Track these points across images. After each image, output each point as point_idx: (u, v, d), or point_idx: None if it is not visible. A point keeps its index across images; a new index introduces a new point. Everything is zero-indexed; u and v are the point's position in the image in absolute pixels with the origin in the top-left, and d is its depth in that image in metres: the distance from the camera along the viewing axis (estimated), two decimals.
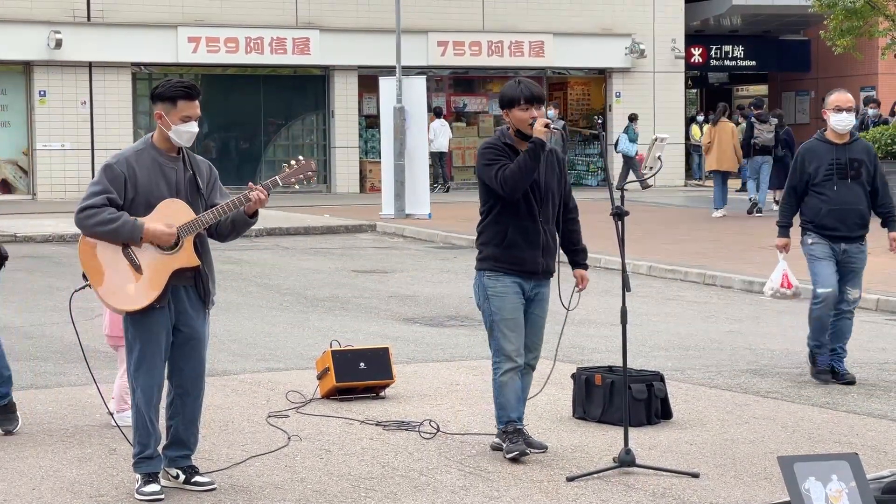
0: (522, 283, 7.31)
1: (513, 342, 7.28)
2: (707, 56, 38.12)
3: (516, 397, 7.33)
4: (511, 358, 7.29)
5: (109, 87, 29.17)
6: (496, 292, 7.30)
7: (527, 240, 7.26)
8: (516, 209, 7.24)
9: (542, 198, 7.28)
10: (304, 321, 12.70)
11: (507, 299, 7.28)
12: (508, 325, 7.28)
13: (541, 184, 7.25)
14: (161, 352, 6.49)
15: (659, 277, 16.33)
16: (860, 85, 36.32)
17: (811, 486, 5.27)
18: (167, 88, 6.50)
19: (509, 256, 7.28)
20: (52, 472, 6.97)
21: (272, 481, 6.80)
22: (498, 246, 7.30)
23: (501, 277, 7.29)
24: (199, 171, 6.61)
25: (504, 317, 7.28)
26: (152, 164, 6.47)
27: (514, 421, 7.30)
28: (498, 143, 7.32)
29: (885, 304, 13.53)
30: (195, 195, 6.53)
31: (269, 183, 6.65)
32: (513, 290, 7.28)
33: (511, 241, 7.27)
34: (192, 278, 6.53)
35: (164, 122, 6.47)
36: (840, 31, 26.34)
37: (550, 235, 7.36)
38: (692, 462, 7.23)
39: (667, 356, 10.77)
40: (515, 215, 7.26)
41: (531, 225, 7.27)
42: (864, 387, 9.49)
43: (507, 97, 7.29)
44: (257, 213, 6.61)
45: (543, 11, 32.89)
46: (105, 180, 6.40)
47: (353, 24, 31.04)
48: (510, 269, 7.28)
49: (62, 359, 10.42)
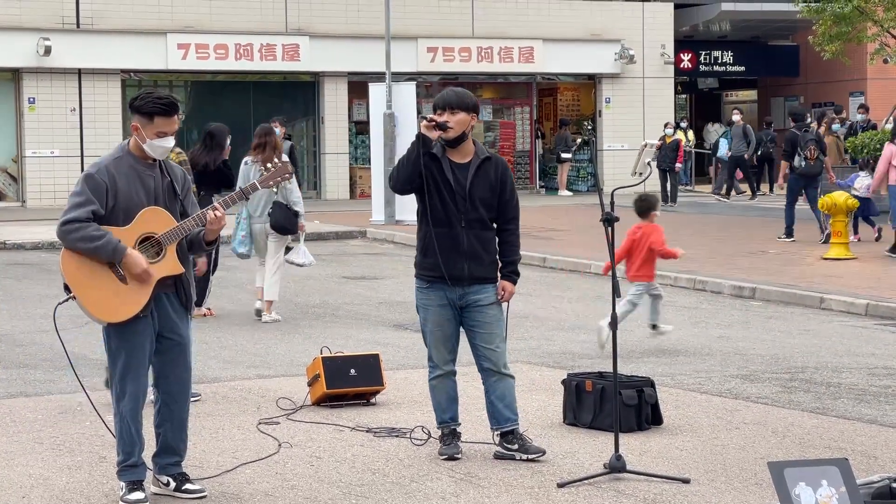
0: (447, 292, 7.29)
1: (438, 351, 7.38)
2: (696, 61, 38.18)
3: (447, 398, 7.42)
4: (438, 366, 7.40)
5: (99, 93, 29.13)
6: (422, 303, 7.39)
7: (443, 246, 7.25)
8: (433, 216, 7.25)
9: (466, 202, 7.26)
10: (294, 328, 12.69)
11: (430, 311, 7.34)
12: (433, 335, 7.37)
13: (465, 188, 7.26)
14: (146, 359, 6.49)
15: None
16: (849, 90, 36.41)
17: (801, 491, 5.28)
18: (145, 103, 6.48)
19: (427, 263, 7.33)
20: (41, 481, 6.96)
21: (263, 488, 6.80)
22: (420, 252, 7.40)
23: (426, 289, 7.35)
24: (175, 177, 6.62)
25: (429, 328, 7.38)
26: (130, 171, 6.46)
27: (446, 422, 7.42)
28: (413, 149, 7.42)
29: (874, 310, 13.56)
30: (173, 201, 6.54)
31: (249, 187, 6.76)
32: (436, 302, 7.31)
33: (428, 247, 7.31)
34: (172, 285, 6.53)
35: (140, 135, 6.48)
36: (829, 36, 26.40)
37: (478, 241, 7.29)
38: (683, 468, 7.24)
39: (657, 362, 10.78)
40: (434, 221, 7.27)
41: (448, 230, 7.25)
42: (853, 392, 9.50)
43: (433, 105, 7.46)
44: (216, 241, 6.63)
45: (533, 17, 32.92)
46: (87, 191, 6.37)
47: (343, 31, 31.04)
48: (429, 276, 7.31)
49: (52, 366, 10.40)
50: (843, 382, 9.87)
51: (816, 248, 18.68)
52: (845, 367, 10.55)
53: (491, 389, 7.43)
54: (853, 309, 13.77)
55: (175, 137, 6.62)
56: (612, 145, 33.69)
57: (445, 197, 7.25)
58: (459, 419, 7.53)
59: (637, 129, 33.38)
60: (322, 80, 31.42)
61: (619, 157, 32.92)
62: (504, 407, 7.41)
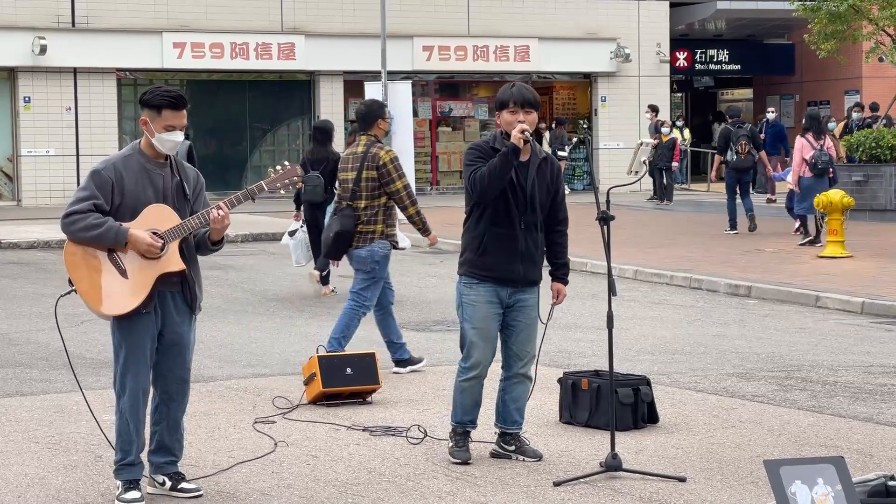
0: (498, 290, 7.22)
1: (481, 350, 7.25)
2: (692, 60, 38.20)
3: (473, 402, 7.33)
4: (476, 366, 7.26)
5: (94, 92, 29.12)
6: (469, 300, 7.24)
7: (502, 247, 7.17)
8: (495, 214, 7.15)
9: (527, 204, 7.17)
10: (290, 326, 12.69)
11: (478, 308, 7.21)
12: (478, 335, 7.24)
13: (526, 190, 7.16)
14: (147, 357, 6.48)
15: (645, 282, 16.35)
16: (844, 89, 36.45)
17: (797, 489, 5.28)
18: (153, 96, 6.50)
19: (483, 263, 7.20)
20: (37, 480, 6.95)
21: (259, 487, 6.79)
22: (474, 251, 7.23)
23: (476, 285, 7.21)
24: (187, 177, 6.61)
25: (474, 325, 7.23)
26: (140, 169, 6.47)
27: (464, 423, 7.33)
28: (484, 145, 7.25)
29: (870, 308, 13.57)
30: (182, 201, 6.53)
31: (255, 188, 6.64)
32: (486, 298, 7.20)
33: (486, 247, 7.19)
34: (178, 283, 6.53)
35: (149, 129, 6.48)
36: (824, 35, 26.43)
37: (533, 243, 7.24)
38: (679, 466, 7.24)
39: (653, 360, 10.79)
40: (493, 221, 7.17)
41: (508, 231, 7.16)
42: (849, 390, 9.51)
43: (499, 99, 7.23)
44: (222, 241, 6.61)
45: (528, 16, 32.92)
46: (92, 186, 6.40)
47: (339, 30, 31.03)
48: (484, 275, 7.20)
49: (48, 365, 10.39)
50: (839, 380, 9.87)
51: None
52: (841, 365, 10.56)
53: (508, 389, 7.38)
54: (849, 307, 13.78)
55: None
56: (608, 144, 33.71)
57: (509, 197, 7.14)
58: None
59: (633, 127, 33.38)
60: (318, 79, 31.41)
61: (615, 156, 32.94)
62: (515, 410, 7.39)
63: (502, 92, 7.24)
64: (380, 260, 9.93)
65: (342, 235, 9.93)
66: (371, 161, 9.94)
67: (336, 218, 10.04)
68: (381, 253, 9.94)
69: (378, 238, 9.94)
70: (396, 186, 9.96)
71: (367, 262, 9.92)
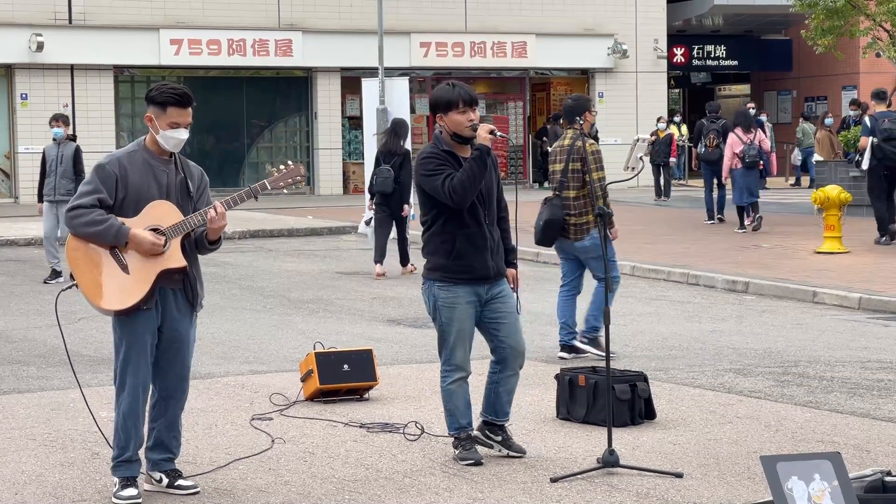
0: (476, 289, 7.22)
1: (462, 351, 7.24)
2: (689, 56, 38.21)
3: (465, 403, 7.29)
4: (460, 367, 7.25)
5: (91, 89, 29.11)
6: (448, 302, 7.20)
7: (475, 246, 7.17)
8: (461, 216, 7.14)
9: (486, 200, 7.21)
10: (287, 323, 12.69)
11: (458, 309, 7.19)
12: (460, 335, 7.22)
13: (483, 186, 7.20)
14: (147, 354, 6.48)
15: (642, 277, 16.36)
16: (841, 84, 36.46)
17: (794, 485, 5.28)
18: (159, 93, 6.51)
19: (459, 266, 7.17)
20: (34, 477, 6.95)
21: (256, 484, 6.79)
22: (447, 256, 7.18)
23: (451, 287, 7.19)
24: (191, 175, 6.61)
25: (455, 327, 7.21)
26: (144, 165, 6.48)
27: (464, 427, 7.29)
28: (437, 151, 7.17)
29: (867, 303, 13.57)
30: (185, 199, 6.53)
31: (258, 187, 6.63)
32: (465, 298, 7.19)
33: (460, 249, 7.16)
34: (180, 281, 6.52)
35: (154, 126, 6.49)
36: (821, 30, 26.41)
37: (495, 236, 7.29)
38: (676, 462, 7.25)
39: (650, 356, 10.79)
40: (462, 223, 7.15)
41: (478, 230, 7.17)
42: (846, 386, 9.51)
43: (444, 100, 7.12)
44: (219, 241, 6.60)
45: (526, 12, 32.92)
46: (97, 180, 6.42)
47: (336, 26, 31.02)
48: (461, 278, 7.18)
49: (45, 362, 10.39)
50: (836, 376, 9.88)
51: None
52: (838, 360, 10.56)
53: (503, 382, 7.36)
54: (846, 303, 13.79)
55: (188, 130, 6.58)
56: (605, 140, 33.68)
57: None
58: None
59: (630, 123, 33.38)
60: (315, 75, 31.41)
61: (612, 152, 32.90)
62: (507, 402, 7.39)
63: (446, 93, 7.15)
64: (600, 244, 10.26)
65: (551, 224, 10.56)
66: (576, 154, 10.50)
67: (546, 207, 10.61)
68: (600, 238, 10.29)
69: (593, 227, 10.52)
70: (591, 177, 10.45)
71: (593, 250, 10.51)
